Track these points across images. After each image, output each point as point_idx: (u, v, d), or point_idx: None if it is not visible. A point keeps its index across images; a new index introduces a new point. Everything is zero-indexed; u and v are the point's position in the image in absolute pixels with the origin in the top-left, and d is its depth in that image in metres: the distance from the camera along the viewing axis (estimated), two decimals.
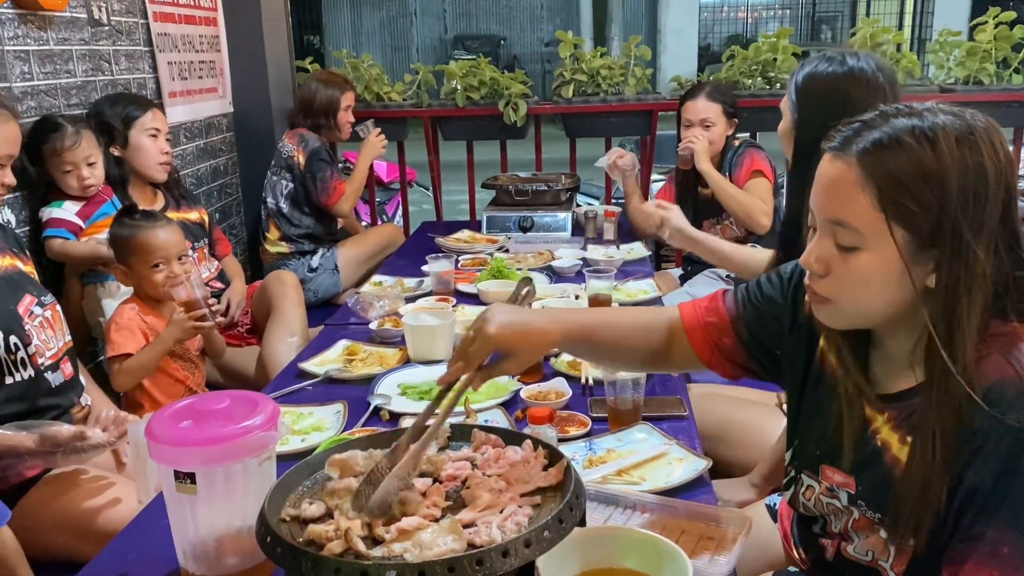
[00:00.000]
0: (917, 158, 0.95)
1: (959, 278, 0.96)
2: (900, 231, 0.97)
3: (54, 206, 2.47)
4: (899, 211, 0.96)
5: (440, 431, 1.26)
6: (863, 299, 1.03)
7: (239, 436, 1.15)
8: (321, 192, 3.40)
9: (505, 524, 1.00)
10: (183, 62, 3.48)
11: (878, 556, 1.13)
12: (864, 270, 1.00)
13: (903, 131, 0.97)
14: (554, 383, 1.83)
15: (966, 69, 3.67)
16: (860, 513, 1.13)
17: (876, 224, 0.98)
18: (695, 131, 3.06)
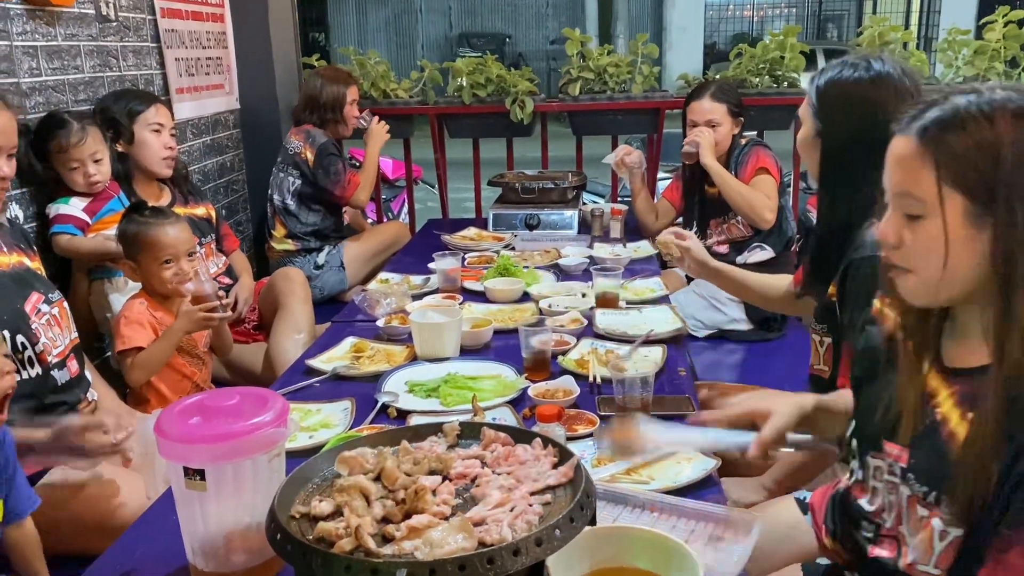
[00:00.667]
0: (972, 130, 1.02)
1: (1013, 243, 1.00)
2: (958, 198, 1.03)
3: (61, 202, 2.47)
4: (955, 179, 1.02)
5: (449, 429, 1.26)
6: (934, 268, 1.07)
7: (249, 433, 1.15)
8: (335, 186, 3.40)
9: (516, 523, 1.00)
10: (190, 58, 3.48)
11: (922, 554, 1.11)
12: (929, 237, 1.06)
13: (960, 106, 1.04)
14: (562, 381, 1.83)
15: (975, 68, 3.65)
16: (908, 490, 1.13)
17: (935, 193, 1.04)
18: (700, 129, 3.05)
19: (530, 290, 2.54)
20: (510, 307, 2.43)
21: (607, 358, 1.98)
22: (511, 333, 2.18)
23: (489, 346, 2.17)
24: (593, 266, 2.60)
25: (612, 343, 2.11)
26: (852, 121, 1.65)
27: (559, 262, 2.89)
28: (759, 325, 3.05)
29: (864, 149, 1.57)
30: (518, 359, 1.98)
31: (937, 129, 1.04)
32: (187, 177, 2.96)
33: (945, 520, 1.07)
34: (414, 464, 1.16)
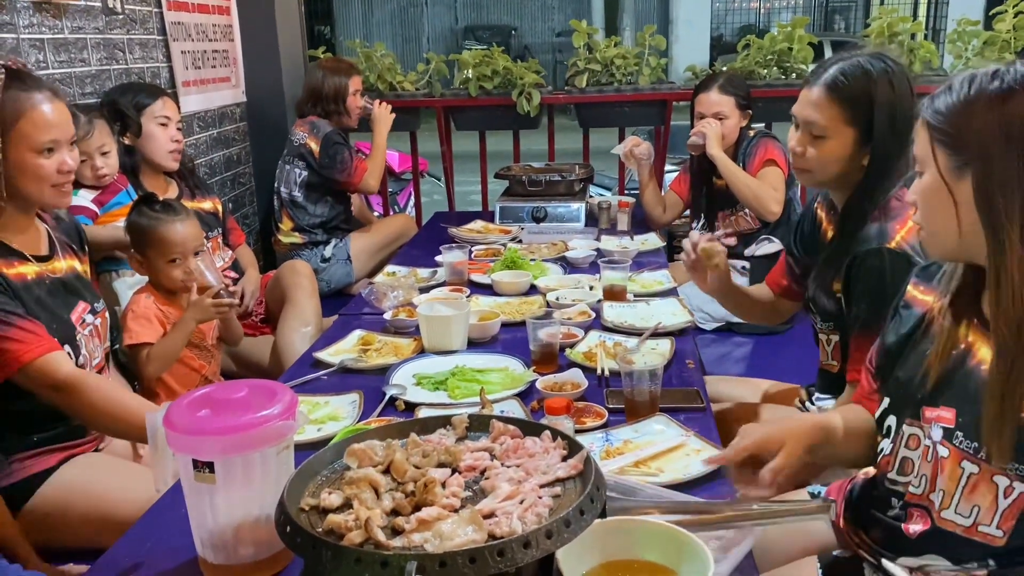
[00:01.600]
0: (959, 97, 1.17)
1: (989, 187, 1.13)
2: (941, 152, 1.18)
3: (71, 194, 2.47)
4: (941, 136, 1.18)
5: (458, 422, 1.26)
6: (933, 218, 1.21)
7: (258, 425, 1.15)
8: (343, 173, 3.40)
9: (526, 515, 0.99)
10: (196, 51, 3.48)
11: (984, 513, 1.16)
12: (926, 188, 1.21)
13: (956, 80, 1.19)
14: (570, 374, 1.82)
15: (985, 59, 3.63)
16: (953, 449, 1.19)
17: (928, 150, 1.20)
18: (707, 119, 3.04)
19: (537, 283, 2.53)
20: (517, 300, 2.43)
21: (615, 351, 1.97)
22: (519, 326, 2.17)
23: (497, 339, 2.16)
24: (600, 259, 2.59)
25: (620, 336, 2.10)
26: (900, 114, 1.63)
27: (566, 255, 2.88)
28: None
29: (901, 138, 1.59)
30: (526, 352, 1.97)
31: (938, 102, 1.20)
32: (193, 171, 2.96)
33: (1012, 475, 1.13)
34: (423, 457, 1.16)
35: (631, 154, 3.27)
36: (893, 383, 1.35)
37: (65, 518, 1.67)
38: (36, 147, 1.63)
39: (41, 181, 1.66)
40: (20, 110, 1.60)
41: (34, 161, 1.63)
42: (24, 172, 1.63)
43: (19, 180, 1.63)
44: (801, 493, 1.61)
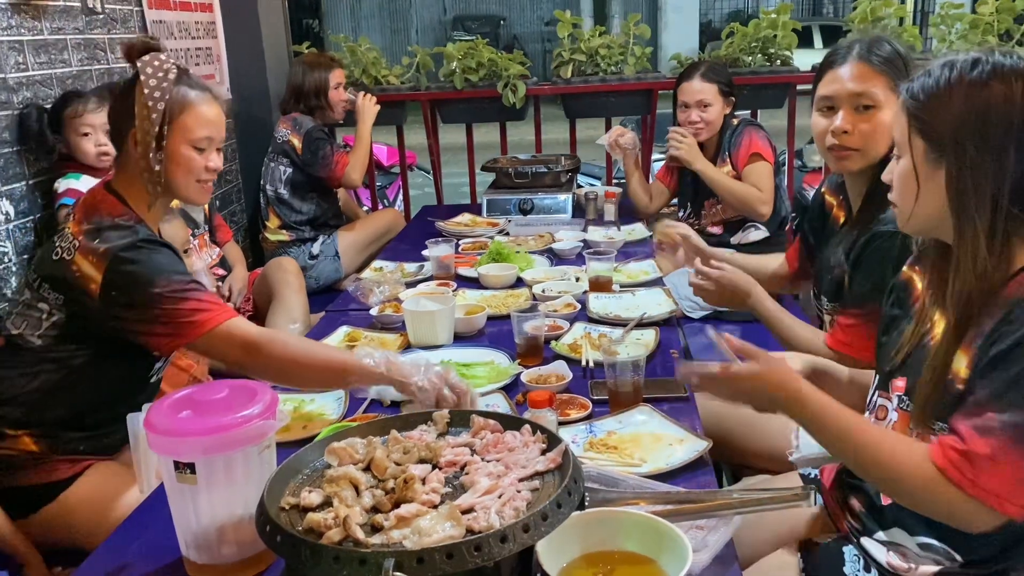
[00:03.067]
0: (935, 86, 1.19)
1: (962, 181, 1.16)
2: (918, 141, 1.21)
3: (71, 177, 2.47)
4: (918, 125, 1.20)
5: (439, 417, 1.26)
6: (908, 200, 1.25)
7: (238, 425, 1.15)
8: (324, 168, 3.39)
9: (504, 509, 1.00)
10: (179, 49, 3.46)
11: None
12: (902, 174, 1.25)
13: (934, 67, 1.21)
14: (554, 366, 1.83)
15: (968, 42, 3.63)
16: (902, 413, 1.28)
17: (905, 136, 1.23)
18: (676, 134, 3.04)
19: (524, 275, 2.54)
20: (504, 293, 2.43)
21: (600, 342, 1.98)
22: (505, 319, 2.17)
23: (483, 332, 2.17)
24: (587, 250, 2.60)
25: (605, 327, 2.11)
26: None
27: (553, 246, 2.88)
28: None
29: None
30: (512, 345, 1.98)
31: (915, 87, 1.22)
32: None
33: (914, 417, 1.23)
34: (404, 453, 1.16)
35: (616, 144, 3.28)
36: (879, 359, 1.40)
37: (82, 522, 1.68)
38: (193, 141, 1.71)
39: (190, 174, 1.73)
40: (185, 104, 1.69)
41: (188, 154, 1.72)
42: (178, 163, 1.71)
43: (172, 170, 1.71)
44: (792, 476, 1.63)
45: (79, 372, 1.71)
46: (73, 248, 1.65)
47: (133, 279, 1.61)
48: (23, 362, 1.71)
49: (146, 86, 1.64)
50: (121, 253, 1.61)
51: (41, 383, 1.70)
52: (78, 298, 1.64)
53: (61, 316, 1.68)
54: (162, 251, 1.67)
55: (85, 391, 1.70)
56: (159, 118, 1.65)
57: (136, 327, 1.63)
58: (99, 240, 1.63)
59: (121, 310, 1.62)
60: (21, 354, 1.71)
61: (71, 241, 1.66)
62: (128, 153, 1.71)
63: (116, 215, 1.68)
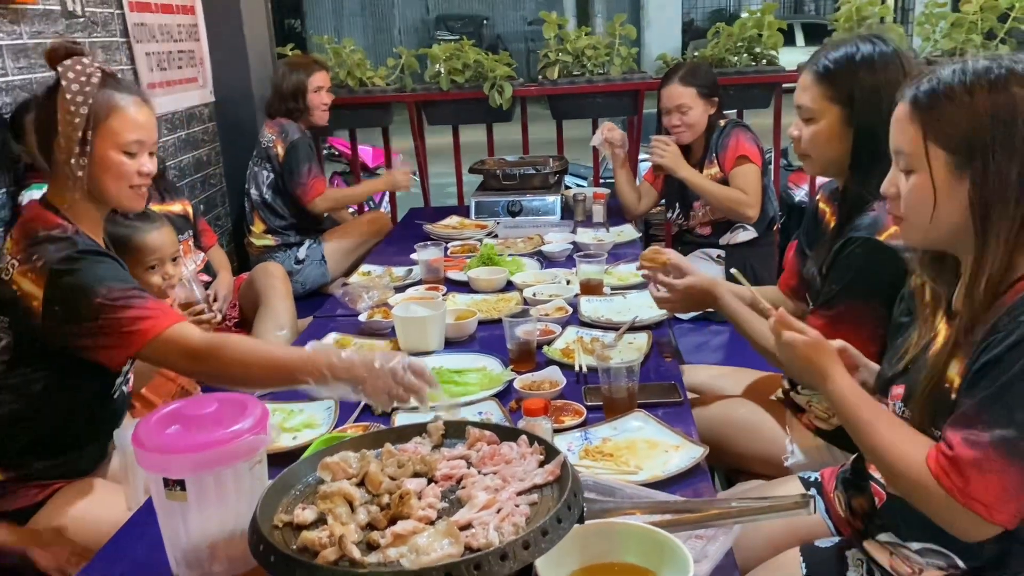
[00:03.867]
0: (953, 97, 1.15)
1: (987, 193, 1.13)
2: (940, 153, 1.16)
3: (35, 188, 2.39)
4: (938, 138, 1.16)
5: (434, 429, 1.24)
6: (924, 214, 1.20)
7: (228, 441, 1.13)
8: (296, 187, 3.37)
9: (503, 525, 0.98)
10: (161, 52, 3.42)
11: None
12: (918, 188, 1.19)
13: (944, 77, 1.17)
14: (548, 372, 1.81)
15: (952, 41, 3.64)
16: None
17: (921, 148, 1.18)
18: (659, 142, 3.03)
19: (514, 279, 2.52)
20: (494, 296, 2.41)
21: (592, 346, 1.96)
22: (496, 323, 2.16)
23: (474, 337, 2.15)
24: (577, 253, 2.58)
25: (597, 331, 2.09)
26: (886, 95, 1.58)
27: (542, 249, 2.87)
28: None
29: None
30: (503, 350, 1.96)
31: (925, 96, 1.18)
32: (163, 173, 2.91)
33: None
34: (398, 467, 1.14)
35: (607, 141, 3.26)
36: (882, 366, 1.41)
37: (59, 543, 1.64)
38: (121, 145, 1.66)
39: (121, 179, 1.68)
40: (111, 107, 1.64)
41: (117, 158, 1.66)
42: (107, 169, 1.66)
43: (101, 176, 1.66)
44: (792, 480, 1.62)
45: (39, 399, 1.65)
46: (11, 268, 1.59)
47: (73, 292, 1.55)
48: None
49: (68, 91, 1.58)
50: (59, 266, 1.56)
51: (6, 413, 1.65)
52: (22, 318, 1.59)
53: (9, 339, 1.62)
54: (103, 260, 1.61)
55: (48, 417, 1.65)
56: (82, 123, 1.59)
57: (83, 342, 1.57)
58: (36, 255, 1.57)
59: (66, 325, 1.56)
60: None
61: (8, 261, 1.60)
62: (57, 163, 1.63)
63: (51, 228, 1.62)
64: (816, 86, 1.68)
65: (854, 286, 1.62)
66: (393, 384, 1.44)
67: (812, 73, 1.69)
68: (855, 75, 1.64)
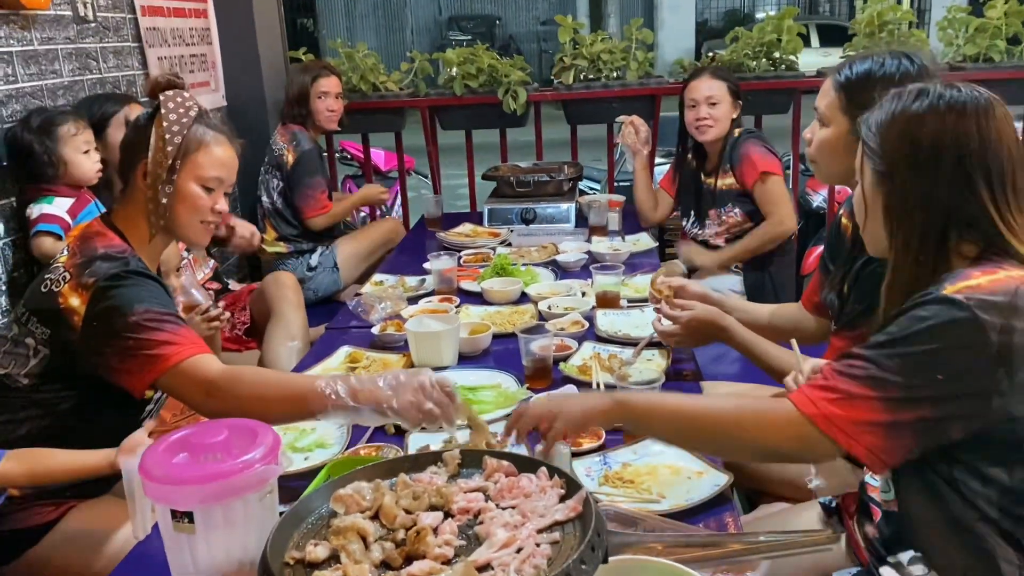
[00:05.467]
0: (884, 115, 1.25)
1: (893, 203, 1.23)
2: (866, 165, 1.27)
3: (44, 202, 2.37)
4: (867, 153, 1.27)
5: (450, 458, 1.20)
6: (860, 221, 1.32)
7: (238, 472, 1.08)
8: (300, 199, 3.35)
9: (523, 567, 0.94)
10: (173, 56, 3.40)
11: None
12: (856, 196, 1.32)
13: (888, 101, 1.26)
14: (564, 391, 1.76)
15: (976, 46, 3.58)
16: None
17: (860, 162, 1.30)
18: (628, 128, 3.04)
19: (528, 290, 2.47)
20: (508, 309, 2.37)
21: (610, 363, 1.92)
22: (510, 337, 2.11)
23: (488, 352, 2.10)
24: (593, 264, 2.53)
25: (615, 346, 2.05)
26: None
27: (557, 258, 2.82)
28: None
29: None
30: (518, 365, 1.92)
31: (870, 118, 1.27)
32: None
33: None
34: (414, 499, 1.10)
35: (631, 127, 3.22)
36: None
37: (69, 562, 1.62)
38: (202, 179, 1.70)
39: (195, 212, 1.71)
40: (201, 142, 1.69)
41: (196, 191, 1.69)
42: (184, 199, 1.69)
43: (177, 207, 1.69)
44: (813, 505, 1.57)
45: (65, 418, 1.64)
46: (63, 280, 1.59)
47: (113, 308, 1.54)
48: (10, 407, 1.65)
49: (166, 119, 1.65)
50: (105, 283, 1.56)
51: (28, 431, 1.64)
52: (62, 333, 1.58)
53: (46, 352, 1.62)
54: (148, 283, 1.60)
55: (72, 438, 1.62)
56: (174, 151, 1.64)
57: (110, 361, 1.55)
58: (88, 272, 1.57)
59: (100, 343, 1.55)
60: (8, 397, 1.65)
61: (61, 273, 1.60)
62: (134, 186, 1.69)
63: (109, 247, 1.62)
64: (834, 93, 1.66)
65: (876, 306, 1.57)
66: (423, 399, 1.40)
67: (833, 80, 1.67)
68: (871, 91, 1.60)
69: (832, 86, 1.67)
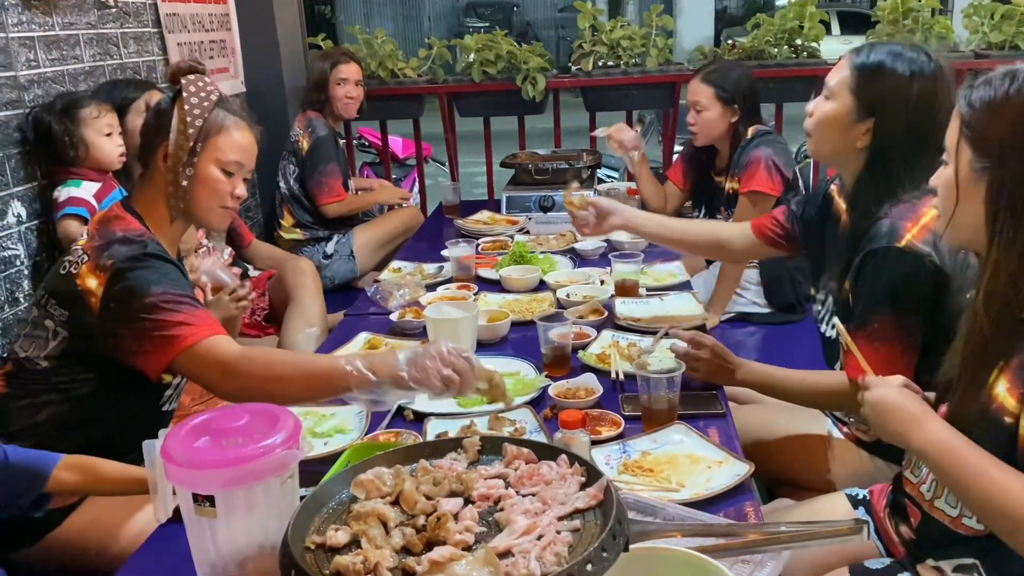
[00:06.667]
0: (991, 94, 1.16)
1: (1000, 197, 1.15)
2: (966, 149, 1.18)
3: (72, 185, 2.39)
4: (968, 132, 1.18)
5: (470, 445, 1.20)
6: (948, 209, 1.23)
7: (260, 456, 1.09)
8: (314, 185, 3.35)
9: (544, 555, 0.94)
10: (193, 42, 3.40)
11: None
12: (945, 181, 1.23)
13: (995, 76, 1.17)
14: (583, 379, 1.76)
15: (1002, 34, 3.52)
16: None
17: (955, 144, 1.21)
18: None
19: (547, 278, 2.46)
20: (526, 296, 2.37)
21: (629, 352, 1.91)
22: (528, 325, 2.11)
23: (506, 339, 2.10)
24: (612, 253, 2.52)
25: (634, 335, 2.04)
26: (911, 115, 1.57)
27: (575, 246, 2.81)
28: (779, 308, 2.97)
29: (916, 143, 1.55)
30: (536, 352, 1.91)
31: (971, 94, 1.19)
32: None
33: None
34: (434, 485, 1.10)
35: (616, 142, 3.14)
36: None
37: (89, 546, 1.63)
38: (222, 163, 1.70)
39: (215, 196, 1.71)
40: (221, 126, 1.69)
41: (216, 175, 1.70)
42: (204, 183, 1.69)
43: (197, 190, 1.69)
44: (839, 497, 1.56)
45: (85, 404, 1.65)
46: (81, 262, 1.60)
47: (130, 290, 1.54)
48: (30, 391, 1.66)
49: (187, 103, 1.64)
50: (122, 264, 1.56)
51: (48, 416, 1.65)
52: (79, 314, 1.59)
53: (64, 334, 1.63)
54: (165, 266, 1.61)
55: (92, 424, 1.64)
56: (195, 134, 1.64)
57: (127, 343, 1.56)
58: (107, 254, 1.58)
59: (116, 325, 1.56)
60: (28, 381, 1.66)
61: (80, 256, 1.61)
62: (154, 169, 1.69)
63: (129, 231, 1.63)
64: (848, 70, 1.65)
65: (881, 300, 1.55)
66: (442, 365, 1.39)
67: (848, 60, 1.66)
68: (881, 81, 1.60)
69: (848, 63, 1.65)
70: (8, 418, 1.66)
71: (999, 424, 1.13)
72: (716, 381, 1.77)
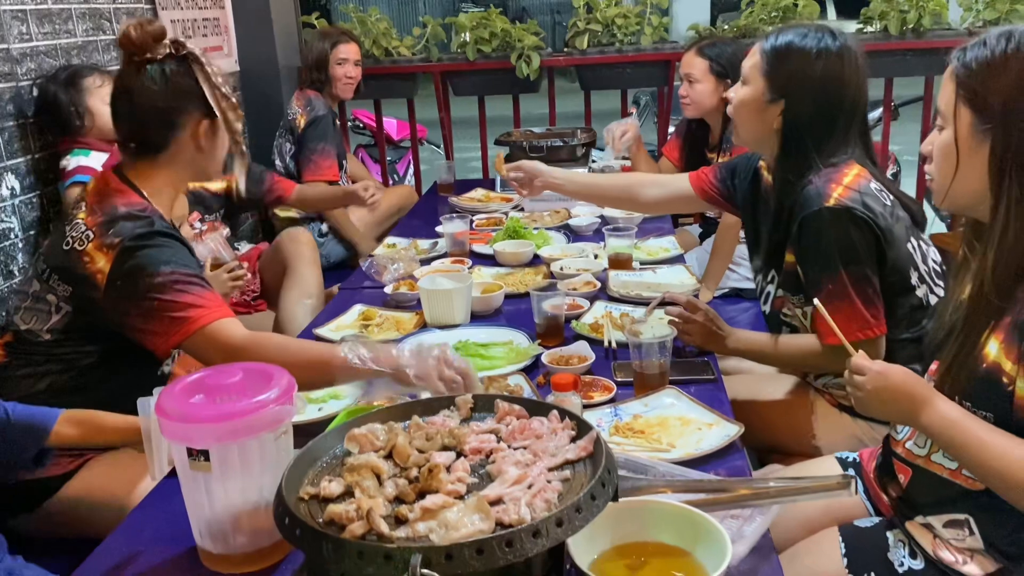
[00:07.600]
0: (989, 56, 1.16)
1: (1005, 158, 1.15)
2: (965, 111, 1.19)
3: (80, 153, 2.39)
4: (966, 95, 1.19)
5: (462, 402, 1.21)
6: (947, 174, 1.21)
7: (253, 411, 1.10)
8: (304, 162, 3.31)
9: (534, 501, 0.95)
10: (187, 20, 3.39)
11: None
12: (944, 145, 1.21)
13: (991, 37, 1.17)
14: (576, 347, 1.77)
15: (996, 11, 3.52)
16: None
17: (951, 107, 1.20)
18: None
19: (540, 252, 2.47)
20: (520, 270, 2.37)
21: (622, 321, 1.92)
22: (523, 297, 2.12)
23: (500, 311, 2.11)
24: (605, 226, 2.53)
25: (627, 306, 2.05)
26: (818, 93, 1.62)
27: (569, 222, 2.82)
28: None
29: (826, 120, 1.62)
30: (530, 324, 1.93)
31: (965, 55, 1.18)
32: None
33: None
34: (426, 440, 1.11)
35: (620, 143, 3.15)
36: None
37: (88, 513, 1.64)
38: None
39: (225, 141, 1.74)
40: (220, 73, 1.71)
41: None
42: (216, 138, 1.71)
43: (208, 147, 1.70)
44: (829, 460, 1.58)
45: (85, 374, 1.65)
46: (86, 239, 1.58)
47: (138, 268, 1.53)
48: (31, 361, 1.66)
49: (208, 64, 1.64)
50: (130, 243, 1.55)
51: (48, 385, 1.65)
52: (85, 291, 1.58)
53: (68, 309, 1.62)
54: (173, 244, 1.59)
55: (91, 392, 1.64)
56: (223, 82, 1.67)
57: (134, 322, 1.55)
58: (113, 232, 1.56)
59: (124, 303, 1.55)
60: (29, 351, 1.66)
61: (83, 231, 1.59)
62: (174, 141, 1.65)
63: (130, 205, 1.61)
64: (759, 55, 1.69)
65: (826, 261, 1.59)
66: (444, 367, 1.41)
67: (760, 44, 1.70)
68: (789, 62, 1.65)
69: (759, 48, 1.70)
70: (8, 386, 1.66)
71: (996, 385, 1.14)
72: (708, 347, 1.78)
